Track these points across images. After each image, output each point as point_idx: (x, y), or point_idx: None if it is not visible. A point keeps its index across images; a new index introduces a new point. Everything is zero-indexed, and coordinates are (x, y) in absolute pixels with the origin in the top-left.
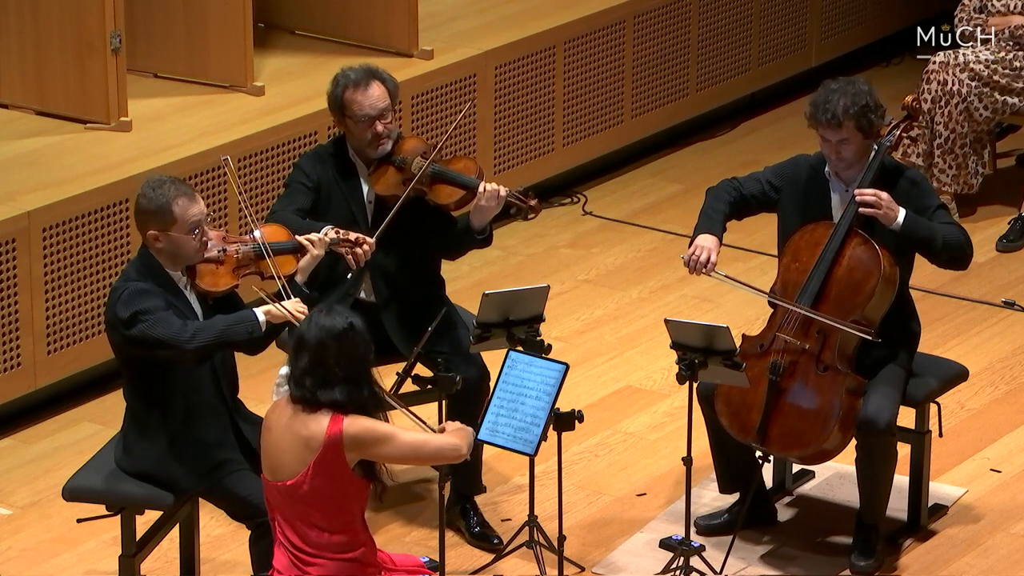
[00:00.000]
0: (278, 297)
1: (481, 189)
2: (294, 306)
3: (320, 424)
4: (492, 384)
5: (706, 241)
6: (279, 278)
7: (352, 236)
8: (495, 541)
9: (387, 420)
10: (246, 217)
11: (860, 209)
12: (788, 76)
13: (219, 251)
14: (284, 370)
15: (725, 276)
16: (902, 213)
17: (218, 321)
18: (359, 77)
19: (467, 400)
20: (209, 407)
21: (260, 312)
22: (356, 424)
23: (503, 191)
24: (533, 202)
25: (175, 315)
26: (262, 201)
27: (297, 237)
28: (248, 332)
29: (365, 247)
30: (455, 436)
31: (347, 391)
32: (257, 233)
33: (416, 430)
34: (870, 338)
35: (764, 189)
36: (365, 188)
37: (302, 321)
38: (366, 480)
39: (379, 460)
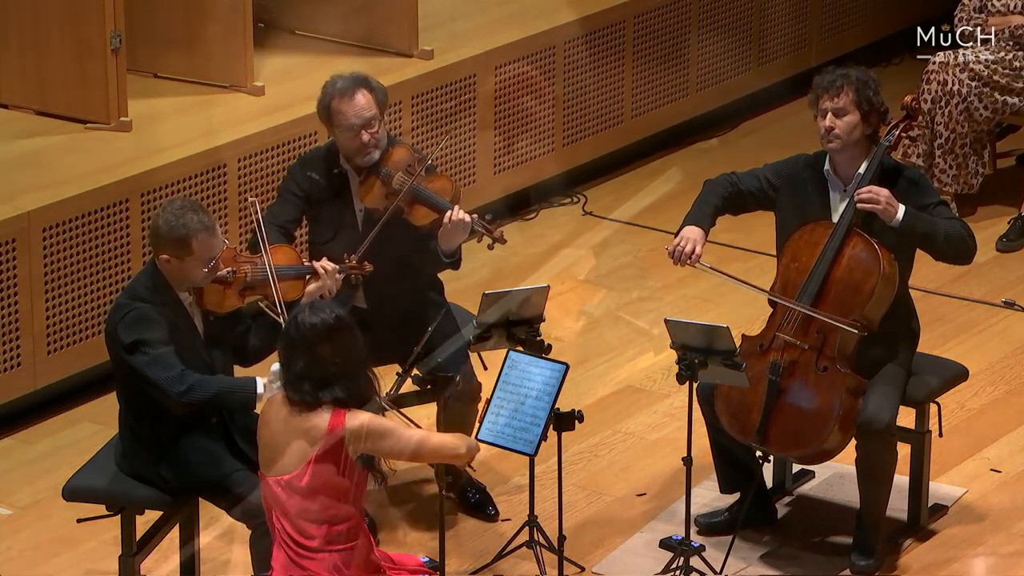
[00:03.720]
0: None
1: (447, 218)
2: None
3: (322, 418)
4: (492, 384)
5: (692, 232)
6: (280, 306)
7: (354, 260)
8: (491, 511)
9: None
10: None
11: (859, 204)
12: (788, 76)
13: (228, 271)
14: (275, 367)
15: (710, 267)
16: (902, 209)
17: (216, 382)
18: (345, 86)
19: (459, 412)
20: (203, 419)
21: (261, 385)
22: (358, 418)
23: (468, 220)
24: (498, 232)
25: (176, 352)
26: (261, 202)
27: (311, 263)
28: (243, 403)
29: (331, 288)
30: (455, 437)
31: (347, 387)
32: (267, 258)
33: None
34: (851, 330)
35: (762, 186)
36: (356, 197)
37: (287, 323)
38: (365, 471)
39: (379, 455)
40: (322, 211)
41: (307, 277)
